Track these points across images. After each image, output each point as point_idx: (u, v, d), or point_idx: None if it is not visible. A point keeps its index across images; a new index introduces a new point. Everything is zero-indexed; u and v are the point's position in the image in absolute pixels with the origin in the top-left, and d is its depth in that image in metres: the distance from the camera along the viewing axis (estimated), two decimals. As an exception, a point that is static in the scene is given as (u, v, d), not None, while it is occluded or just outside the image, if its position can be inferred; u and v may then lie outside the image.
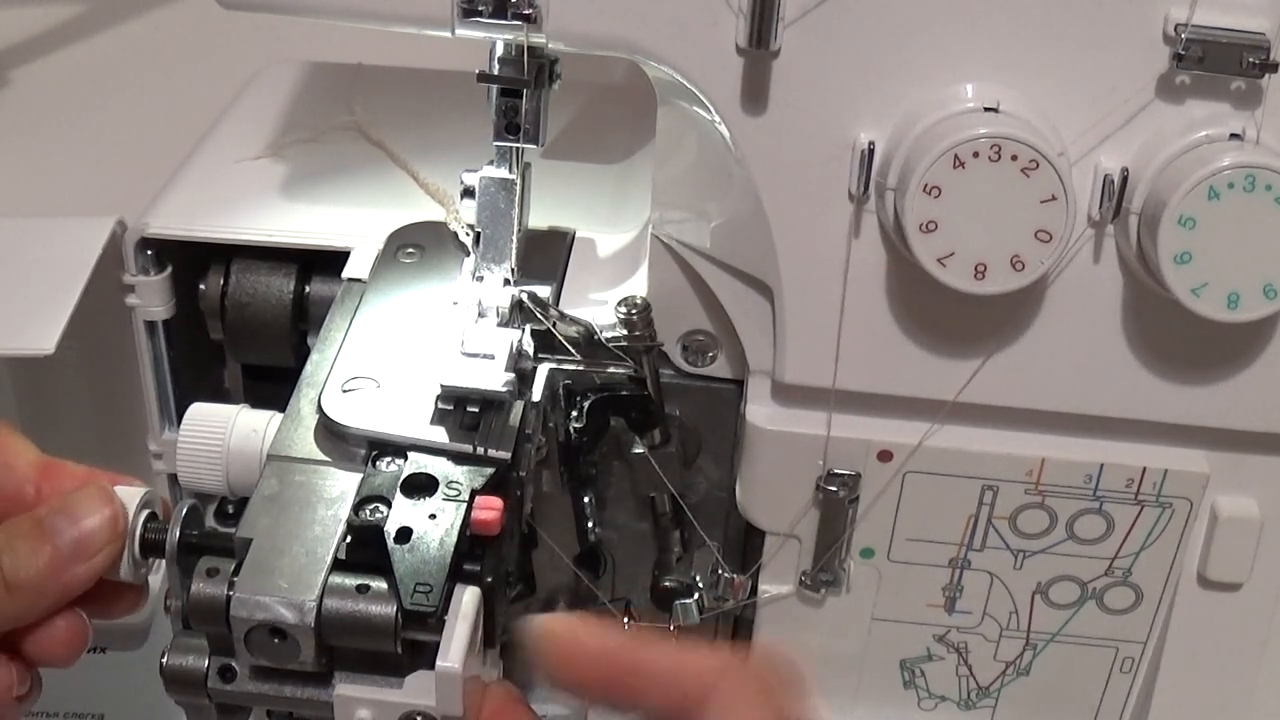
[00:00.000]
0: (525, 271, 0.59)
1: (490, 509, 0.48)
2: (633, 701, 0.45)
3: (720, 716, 0.43)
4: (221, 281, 0.65)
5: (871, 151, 0.52)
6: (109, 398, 0.69)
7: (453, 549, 0.47)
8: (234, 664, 0.46)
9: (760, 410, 0.58)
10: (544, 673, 0.46)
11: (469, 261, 0.58)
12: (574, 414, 0.59)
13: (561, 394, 0.59)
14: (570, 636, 0.46)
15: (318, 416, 0.52)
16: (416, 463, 0.50)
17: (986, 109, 0.51)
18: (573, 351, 0.58)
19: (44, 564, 0.46)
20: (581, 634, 0.46)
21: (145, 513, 0.49)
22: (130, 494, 0.49)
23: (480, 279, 0.57)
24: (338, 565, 0.46)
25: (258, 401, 0.57)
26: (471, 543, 0.48)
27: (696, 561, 0.64)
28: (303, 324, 0.65)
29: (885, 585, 0.61)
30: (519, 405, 0.54)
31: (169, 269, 0.65)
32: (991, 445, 0.57)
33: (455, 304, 0.57)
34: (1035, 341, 0.55)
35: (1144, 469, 0.57)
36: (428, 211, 0.65)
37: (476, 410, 0.52)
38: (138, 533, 0.49)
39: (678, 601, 0.62)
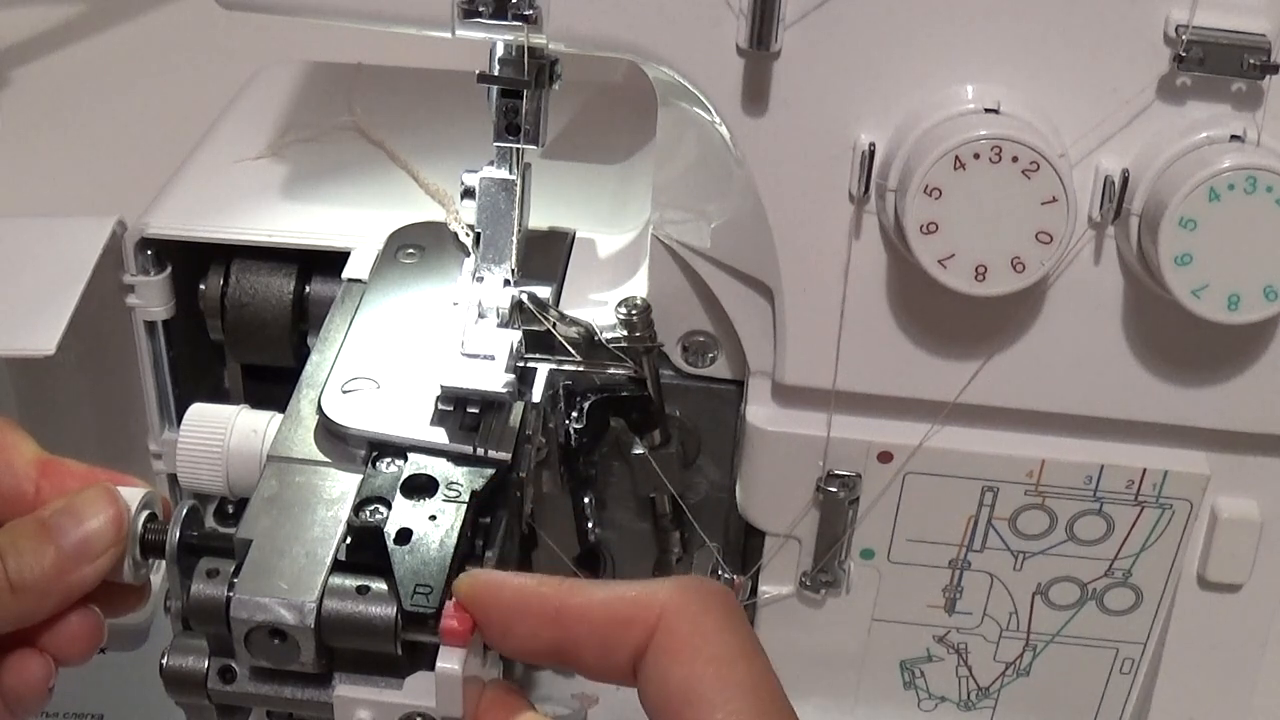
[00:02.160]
0: (525, 272, 0.59)
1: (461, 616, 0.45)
2: (562, 656, 0.43)
3: (660, 662, 0.42)
4: (221, 281, 0.65)
5: (872, 152, 0.52)
6: (109, 398, 0.69)
7: (453, 550, 0.47)
8: (234, 665, 0.46)
9: (760, 411, 0.58)
10: (483, 632, 0.44)
11: (469, 262, 0.58)
12: (574, 415, 0.59)
13: (562, 395, 0.59)
14: (488, 587, 0.44)
15: (318, 417, 0.52)
16: (416, 464, 0.50)
17: (987, 110, 0.51)
18: (573, 352, 0.58)
19: (48, 565, 0.46)
20: (501, 584, 0.44)
21: (145, 513, 0.49)
22: (130, 494, 0.49)
23: (480, 280, 0.57)
24: (338, 566, 0.46)
25: (258, 402, 0.57)
26: (471, 543, 0.48)
27: (696, 562, 0.64)
28: (303, 324, 0.65)
29: (885, 586, 0.61)
30: (519, 406, 0.54)
31: (169, 269, 0.65)
32: (992, 446, 0.57)
33: (455, 304, 0.57)
34: (1035, 343, 0.55)
35: (1144, 470, 0.57)
36: (428, 212, 0.65)
37: (477, 411, 0.52)
38: (138, 533, 0.49)
39: (678, 602, 0.62)
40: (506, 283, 0.57)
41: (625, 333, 0.59)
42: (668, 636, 0.42)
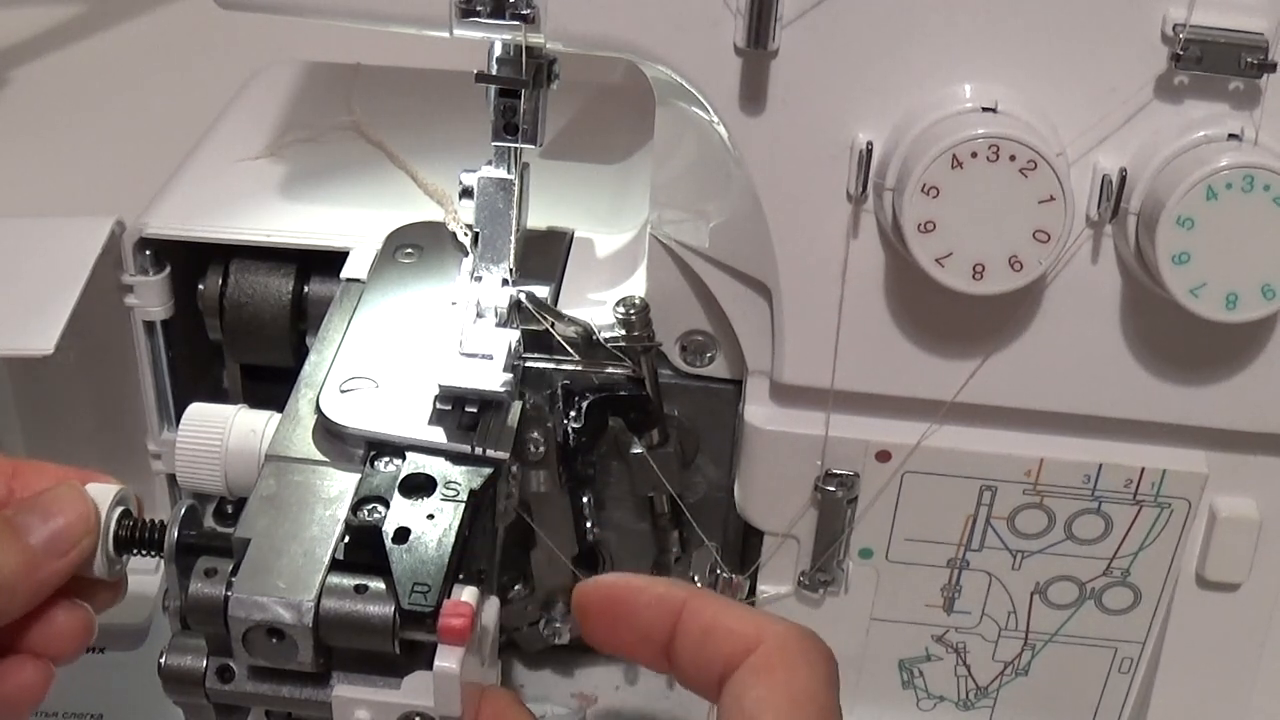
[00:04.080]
0: (524, 272, 0.59)
1: (460, 616, 0.45)
2: (669, 651, 0.46)
3: (745, 682, 0.43)
4: (220, 281, 0.65)
5: (870, 151, 0.52)
6: (108, 398, 0.69)
7: (451, 549, 0.47)
8: (232, 664, 0.46)
9: (759, 410, 0.58)
10: (593, 629, 0.48)
11: (467, 262, 0.58)
12: (572, 414, 0.59)
13: (560, 394, 0.59)
14: (623, 578, 0.47)
15: (316, 416, 0.52)
16: (414, 463, 0.50)
17: (985, 109, 0.51)
18: (571, 352, 0.58)
19: (16, 562, 0.46)
20: (626, 584, 0.47)
21: (119, 509, 0.49)
22: (104, 490, 0.49)
23: (479, 279, 0.57)
24: (336, 565, 0.46)
25: (256, 401, 0.57)
26: (468, 542, 0.48)
27: (695, 561, 0.64)
28: (301, 324, 0.65)
29: (884, 585, 0.61)
30: (517, 405, 0.54)
31: (168, 269, 0.65)
32: (990, 445, 0.57)
33: (454, 304, 0.57)
34: (1034, 342, 0.55)
35: (1142, 469, 0.57)
36: (426, 211, 0.65)
37: (475, 410, 0.52)
38: (111, 529, 0.49)
39: (676, 601, 0.62)
40: (505, 282, 0.57)
41: (624, 332, 0.59)
42: (761, 660, 0.44)
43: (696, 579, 0.63)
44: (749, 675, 0.43)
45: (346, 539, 0.47)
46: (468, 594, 0.46)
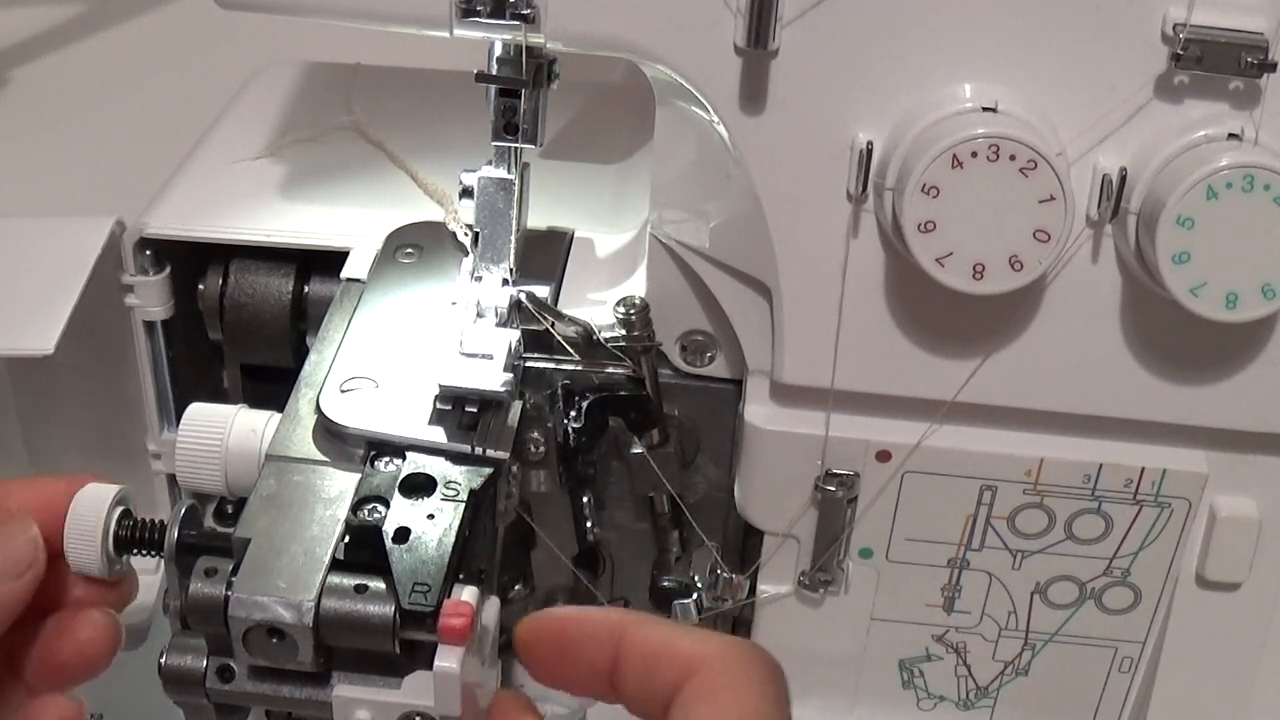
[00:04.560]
0: (524, 271, 0.59)
1: (460, 615, 0.45)
2: (613, 681, 0.44)
3: (690, 707, 0.42)
4: (220, 281, 0.65)
5: (870, 151, 0.52)
6: (108, 398, 0.69)
7: (451, 549, 0.47)
8: (232, 664, 0.46)
9: (759, 410, 0.58)
10: (536, 665, 0.46)
11: (467, 261, 0.58)
12: (572, 414, 0.59)
13: (560, 394, 0.59)
14: (556, 614, 0.45)
15: (316, 416, 0.52)
16: (415, 463, 0.50)
17: (985, 109, 0.51)
18: (571, 352, 0.58)
19: None
20: (565, 612, 0.46)
21: (119, 509, 0.49)
22: (104, 490, 0.49)
23: (479, 279, 0.57)
24: (336, 565, 0.46)
25: (256, 401, 0.57)
26: (468, 542, 0.48)
27: (695, 561, 0.64)
28: (301, 324, 0.65)
29: (884, 585, 0.61)
30: (517, 405, 0.54)
31: (168, 269, 0.65)
32: (990, 445, 0.57)
33: (454, 304, 0.57)
34: (1034, 341, 0.55)
35: (1143, 469, 0.57)
36: (426, 211, 0.65)
37: (475, 410, 0.52)
38: (111, 529, 0.49)
39: (676, 601, 0.62)
40: (505, 282, 0.57)
41: (624, 332, 0.59)
42: (705, 683, 0.42)
43: (697, 579, 0.63)
44: (692, 701, 0.42)
45: (346, 539, 0.47)
46: (468, 594, 0.46)
